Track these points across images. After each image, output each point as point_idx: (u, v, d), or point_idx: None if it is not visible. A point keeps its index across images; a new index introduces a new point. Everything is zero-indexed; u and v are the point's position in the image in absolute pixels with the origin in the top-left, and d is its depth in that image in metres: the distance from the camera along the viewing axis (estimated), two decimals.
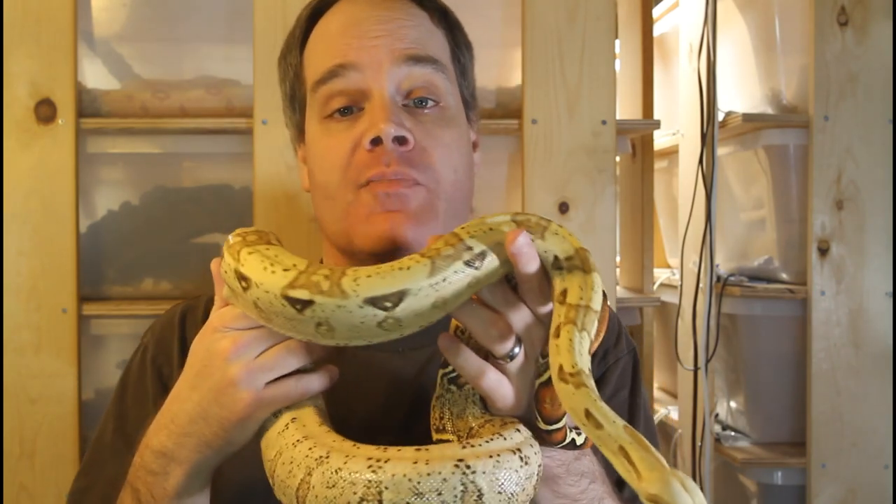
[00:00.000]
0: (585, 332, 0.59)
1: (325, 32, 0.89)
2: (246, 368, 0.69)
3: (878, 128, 1.85)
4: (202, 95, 1.71)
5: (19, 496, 1.62)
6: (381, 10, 0.87)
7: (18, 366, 1.62)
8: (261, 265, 0.66)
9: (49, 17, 1.62)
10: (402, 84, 0.84)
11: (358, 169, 0.82)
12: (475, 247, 0.63)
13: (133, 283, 1.75)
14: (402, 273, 0.61)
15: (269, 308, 0.64)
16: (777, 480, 1.91)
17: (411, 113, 0.84)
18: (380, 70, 0.83)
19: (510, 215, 0.66)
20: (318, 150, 0.87)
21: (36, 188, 1.63)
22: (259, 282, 0.64)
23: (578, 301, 0.61)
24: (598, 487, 0.73)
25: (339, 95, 0.85)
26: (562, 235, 0.66)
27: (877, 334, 1.86)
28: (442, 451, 0.61)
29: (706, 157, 1.97)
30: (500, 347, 0.65)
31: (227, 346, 0.69)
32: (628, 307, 2.06)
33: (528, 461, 0.63)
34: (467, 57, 0.94)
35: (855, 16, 1.83)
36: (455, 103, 0.89)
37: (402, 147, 0.81)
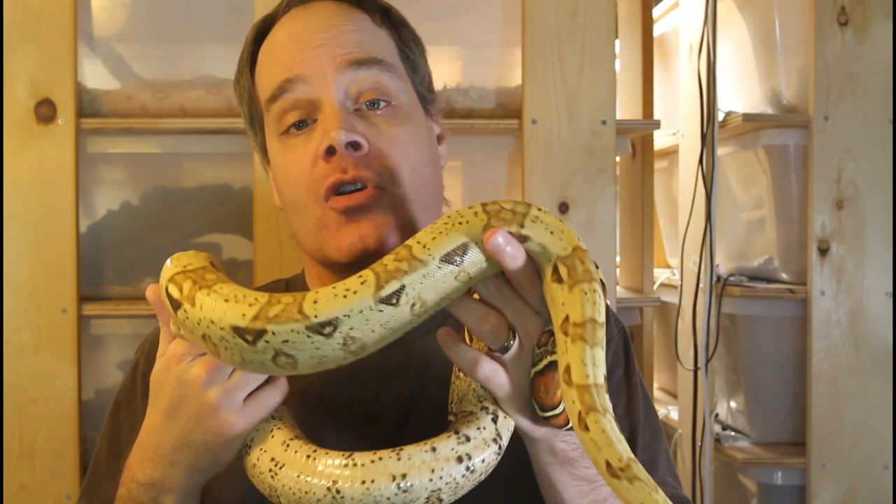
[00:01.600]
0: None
1: (270, 50, 0.90)
2: (223, 391, 0.70)
3: (878, 128, 1.85)
4: (202, 95, 1.71)
5: (19, 496, 1.62)
6: (320, 20, 0.87)
7: (18, 366, 1.62)
8: (213, 299, 0.66)
9: (49, 17, 1.62)
10: (349, 89, 0.84)
11: (318, 180, 0.83)
12: (432, 253, 0.63)
13: (133, 283, 1.75)
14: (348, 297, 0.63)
15: (220, 342, 0.65)
16: (777, 480, 1.91)
17: (364, 116, 0.84)
18: (325, 78, 0.83)
19: (479, 206, 0.66)
20: (281, 167, 0.87)
21: (36, 188, 1.63)
22: (211, 315, 0.65)
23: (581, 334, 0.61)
24: (606, 489, 0.74)
25: (292, 110, 0.85)
26: (543, 223, 0.64)
27: (877, 334, 1.86)
28: (386, 466, 0.67)
29: (706, 157, 1.97)
30: (493, 341, 0.67)
31: (199, 373, 0.70)
32: (628, 307, 2.06)
33: (472, 468, 0.68)
34: (416, 52, 0.94)
35: (855, 16, 1.83)
36: (409, 100, 0.89)
37: (357, 152, 0.81)
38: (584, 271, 0.62)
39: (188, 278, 0.67)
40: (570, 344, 0.59)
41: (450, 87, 1.75)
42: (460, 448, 0.69)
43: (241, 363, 0.66)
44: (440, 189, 0.93)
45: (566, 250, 0.63)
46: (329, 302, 0.62)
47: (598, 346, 0.59)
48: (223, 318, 0.64)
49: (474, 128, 1.71)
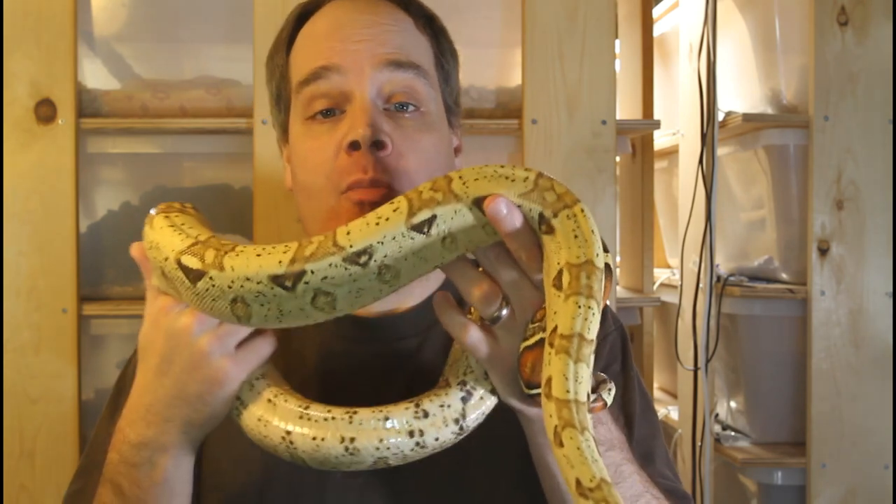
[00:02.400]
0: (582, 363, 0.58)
1: (310, 34, 0.90)
2: (215, 336, 0.70)
3: (878, 128, 1.85)
4: (202, 95, 1.71)
5: (19, 496, 1.62)
6: (366, 15, 0.87)
7: (18, 366, 1.62)
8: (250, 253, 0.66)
9: (49, 17, 1.63)
10: (383, 88, 0.85)
11: (339, 174, 0.83)
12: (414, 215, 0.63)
13: (133, 283, 1.75)
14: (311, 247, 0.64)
15: (255, 299, 0.65)
16: (777, 480, 1.91)
17: (391, 117, 0.85)
18: (362, 73, 0.84)
19: (535, 174, 0.64)
20: (301, 152, 0.88)
21: (36, 188, 1.63)
22: (246, 272, 0.65)
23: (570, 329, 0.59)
24: (615, 455, 0.74)
25: (322, 97, 0.85)
26: (575, 223, 0.62)
27: (877, 334, 1.86)
28: (337, 426, 0.69)
29: (706, 157, 1.97)
30: (483, 308, 0.66)
31: (188, 321, 0.70)
32: (628, 307, 2.06)
33: (423, 444, 0.69)
34: (451, 64, 0.95)
35: (855, 16, 1.83)
36: (436, 109, 0.89)
37: (380, 151, 0.82)
38: (586, 286, 0.59)
39: (208, 247, 0.67)
40: (554, 356, 0.57)
41: None
42: (415, 423, 0.69)
43: (278, 317, 0.65)
44: None
45: (578, 259, 0.60)
46: (361, 231, 0.62)
47: (583, 362, 0.57)
48: (259, 270, 0.64)
49: (474, 128, 1.71)
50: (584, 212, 0.62)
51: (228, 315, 0.67)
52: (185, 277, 0.67)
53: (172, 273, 0.68)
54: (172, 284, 0.69)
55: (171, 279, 0.69)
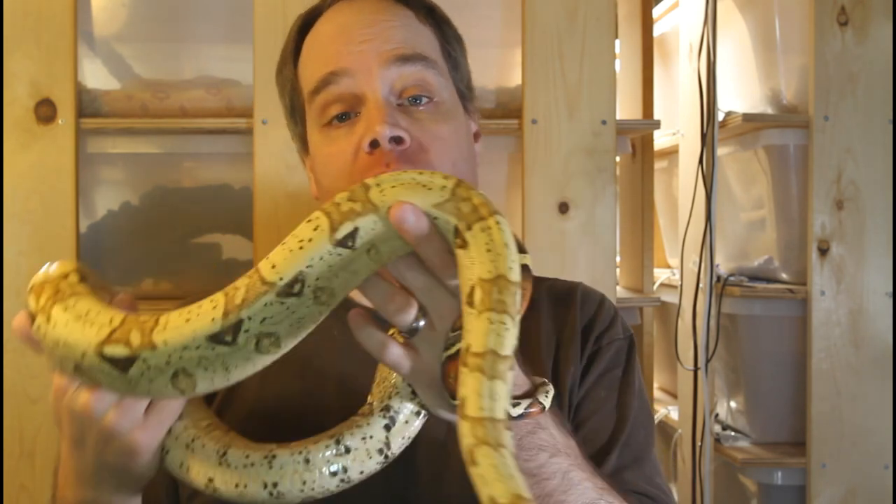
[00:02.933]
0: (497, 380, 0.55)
1: (314, 43, 0.90)
2: (118, 412, 0.67)
3: (878, 128, 1.85)
4: (202, 95, 1.71)
5: (19, 496, 1.62)
6: (366, 15, 0.88)
7: (18, 366, 1.62)
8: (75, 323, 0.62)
9: (49, 17, 1.62)
10: (394, 84, 0.85)
11: (361, 173, 0.83)
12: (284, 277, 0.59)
13: (133, 283, 1.75)
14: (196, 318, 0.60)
15: (198, 364, 0.61)
16: (777, 480, 1.91)
17: (406, 111, 0.85)
18: (370, 73, 0.84)
19: (454, 182, 0.61)
20: (322, 159, 0.88)
21: (36, 188, 1.63)
22: (182, 340, 0.60)
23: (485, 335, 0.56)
24: (561, 461, 0.71)
25: (335, 102, 0.86)
26: (489, 237, 0.59)
27: (877, 334, 1.86)
28: (258, 472, 0.67)
29: (706, 157, 1.97)
30: (399, 321, 0.64)
31: (86, 401, 0.66)
32: (628, 307, 2.06)
33: (348, 480, 0.68)
34: (458, 50, 0.95)
35: (855, 16, 1.83)
36: (450, 97, 0.90)
37: (399, 146, 0.82)
38: (498, 301, 0.56)
39: (130, 329, 0.62)
40: (468, 374, 0.55)
41: None
42: (336, 461, 0.68)
43: (224, 375, 0.61)
44: (476, 185, 0.93)
45: (490, 274, 0.57)
46: (287, 260, 0.59)
47: (499, 378, 0.54)
48: (195, 335, 0.60)
49: None
50: (499, 224, 0.58)
51: (170, 391, 0.62)
52: (114, 368, 0.61)
53: (95, 366, 0.62)
54: (92, 376, 0.63)
55: (92, 372, 0.63)
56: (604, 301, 1.00)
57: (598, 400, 0.91)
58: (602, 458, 0.86)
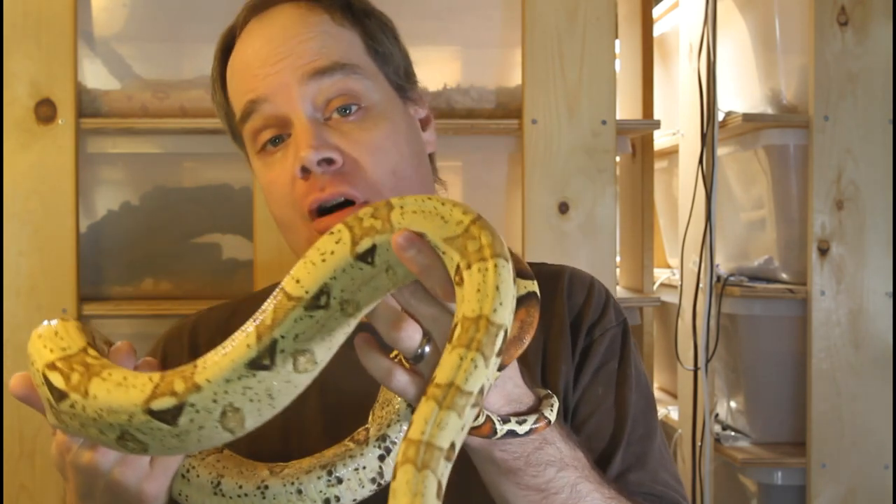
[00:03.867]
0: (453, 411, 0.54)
1: (233, 70, 0.88)
2: (124, 465, 0.67)
3: (878, 128, 1.85)
4: (202, 95, 1.71)
5: (19, 496, 1.62)
6: (277, 31, 0.85)
7: (18, 366, 1.62)
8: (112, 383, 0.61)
9: (49, 17, 1.62)
10: (315, 100, 0.83)
11: (300, 200, 0.82)
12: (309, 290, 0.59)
13: (133, 283, 1.75)
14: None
15: (244, 396, 0.60)
16: (777, 480, 1.91)
17: (335, 125, 0.83)
18: (290, 94, 0.82)
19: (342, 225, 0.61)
20: (265, 185, 0.87)
21: (36, 188, 1.63)
22: (224, 384, 0.60)
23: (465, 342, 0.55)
24: (568, 474, 0.71)
25: (264, 129, 0.84)
26: (425, 210, 0.59)
27: (877, 334, 1.86)
28: (257, 469, 0.70)
29: (706, 157, 1.97)
30: (405, 349, 0.63)
31: (89, 458, 0.67)
32: (628, 307, 2.06)
33: (340, 503, 0.69)
34: (386, 42, 0.90)
35: (855, 16, 1.83)
36: (381, 97, 0.86)
37: (331, 166, 0.80)
38: (473, 339, 0.55)
39: (72, 366, 0.63)
40: (423, 403, 0.54)
41: (450, 87, 1.75)
42: (329, 490, 0.68)
43: (270, 403, 0.61)
44: (430, 181, 0.91)
45: (473, 313, 0.56)
46: (310, 273, 0.59)
47: (453, 410, 0.53)
48: (235, 364, 0.59)
49: (474, 128, 1.71)
50: (496, 267, 0.57)
51: (221, 433, 0.62)
52: (163, 423, 0.61)
53: (144, 426, 0.61)
54: (140, 440, 0.62)
55: (140, 435, 0.61)
56: (593, 285, 0.94)
57: (596, 399, 0.88)
58: (606, 462, 0.84)
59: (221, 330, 0.90)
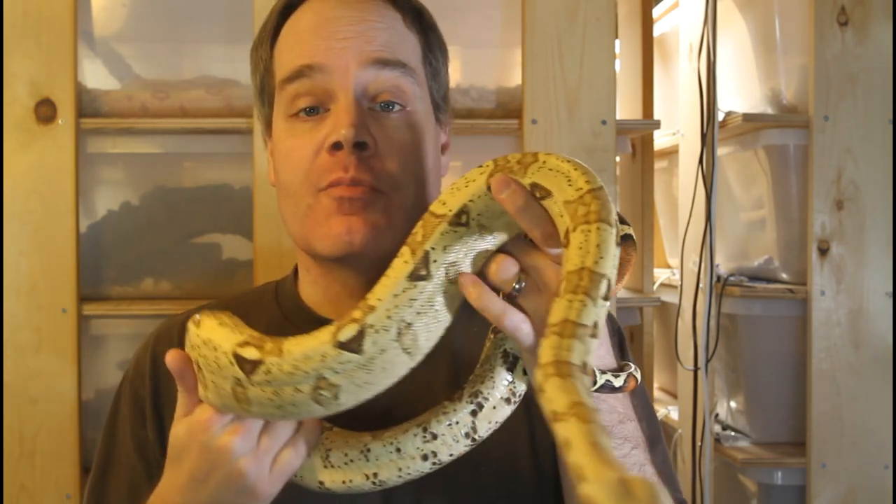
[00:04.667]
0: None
1: (294, 29, 0.88)
2: (253, 458, 0.70)
3: (878, 128, 1.85)
4: (202, 95, 1.71)
5: (19, 496, 1.62)
6: (352, 11, 0.86)
7: (18, 366, 1.62)
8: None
9: (49, 17, 1.63)
10: (368, 87, 0.84)
11: (319, 172, 0.82)
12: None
13: (133, 283, 1.75)
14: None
15: (332, 368, 0.65)
16: (777, 480, 1.91)
17: (376, 117, 0.84)
18: (346, 73, 0.83)
19: (491, 163, 0.67)
20: (283, 149, 0.87)
21: (36, 188, 1.63)
22: (309, 353, 0.65)
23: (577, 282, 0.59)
24: (640, 454, 0.73)
25: (306, 95, 0.84)
26: (557, 170, 0.64)
27: (877, 334, 1.86)
28: (358, 467, 0.73)
29: (706, 157, 1.97)
30: (502, 279, 0.66)
31: (228, 441, 0.69)
32: (628, 307, 2.06)
33: (439, 462, 0.72)
34: (440, 59, 0.93)
35: (855, 16, 1.83)
36: (423, 108, 0.88)
37: (362, 152, 0.81)
38: (578, 285, 0.58)
39: (262, 339, 0.67)
40: (544, 342, 0.57)
41: (450, 87, 1.75)
42: (426, 446, 0.72)
43: (434, 316, 0.66)
44: (432, 198, 0.92)
45: (575, 266, 0.59)
46: (454, 195, 0.67)
47: (574, 338, 0.56)
48: (398, 279, 0.65)
49: (474, 128, 1.71)
50: (599, 229, 0.61)
51: (402, 358, 0.66)
52: (353, 353, 0.65)
53: (336, 359, 0.65)
54: (331, 378, 0.66)
55: (335, 370, 0.65)
56: None
57: None
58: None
59: None
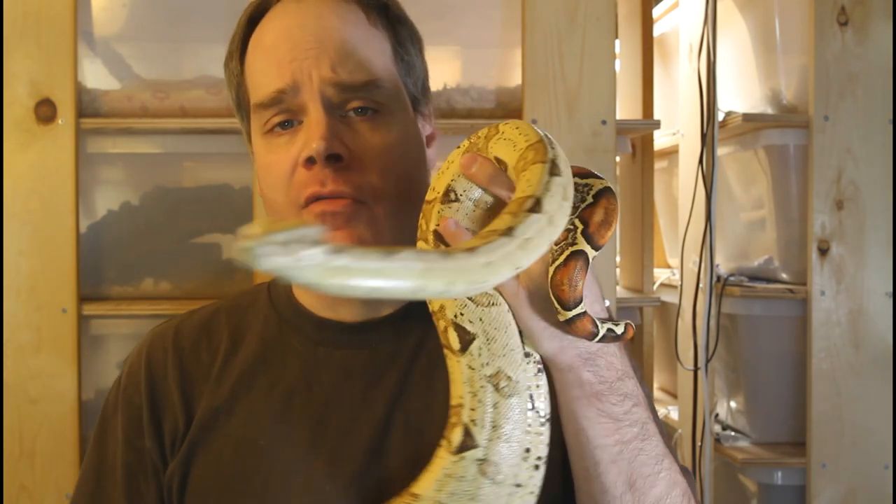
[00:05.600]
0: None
1: (260, 44, 0.88)
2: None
3: (878, 128, 1.85)
4: (202, 95, 1.71)
5: (19, 496, 1.62)
6: (312, 19, 0.85)
7: (18, 366, 1.62)
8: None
9: (49, 17, 1.63)
10: (336, 98, 0.83)
11: (297, 188, 0.82)
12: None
13: (133, 283, 1.75)
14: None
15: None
16: (777, 480, 1.91)
17: (349, 124, 0.83)
18: (312, 86, 0.82)
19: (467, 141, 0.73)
20: (262, 166, 0.86)
21: (36, 188, 1.63)
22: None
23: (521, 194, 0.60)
24: (641, 411, 0.72)
25: (280, 113, 0.84)
26: (508, 138, 0.68)
27: (877, 334, 1.86)
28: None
29: (706, 157, 1.97)
30: (471, 170, 0.70)
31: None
32: (628, 307, 2.06)
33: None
34: (412, 52, 0.91)
35: (855, 16, 1.83)
36: (399, 107, 0.87)
37: (338, 163, 0.81)
38: (524, 199, 0.60)
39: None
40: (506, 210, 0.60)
41: (450, 87, 1.75)
42: (533, 473, 0.70)
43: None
44: (424, 196, 0.92)
45: (517, 157, 0.64)
46: (438, 179, 0.73)
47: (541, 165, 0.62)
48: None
49: (474, 128, 1.71)
50: (533, 168, 0.64)
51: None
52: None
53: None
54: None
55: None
56: None
57: None
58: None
59: (206, 329, 0.90)
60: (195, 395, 0.86)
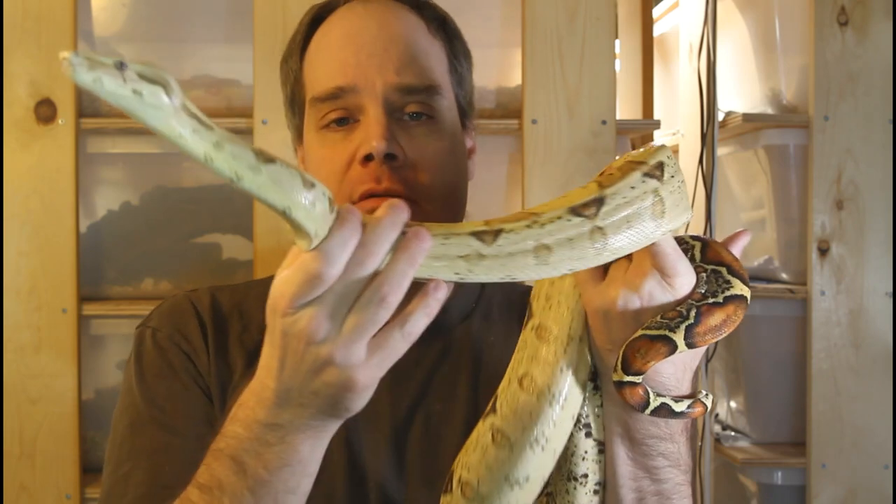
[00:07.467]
0: None
1: (323, 43, 0.91)
2: (335, 347, 0.61)
3: (878, 128, 1.85)
4: (202, 95, 1.71)
5: (19, 496, 1.62)
6: (376, 23, 0.88)
7: (18, 366, 1.62)
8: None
9: (49, 17, 1.63)
10: (396, 101, 0.86)
11: (352, 184, 0.85)
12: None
13: (133, 283, 1.75)
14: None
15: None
16: (777, 480, 1.91)
17: (405, 127, 0.86)
18: (374, 88, 0.85)
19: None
20: (315, 160, 0.89)
21: (36, 188, 1.63)
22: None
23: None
24: (677, 474, 0.74)
25: (337, 110, 0.87)
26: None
27: (877, 334, 1.86)
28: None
29: (706, 157, 1.96)
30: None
31: (303, 327, 0.61)
32: None
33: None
34: (465, 66, 0.95)
35: (855, 16, 1.83)
36: (450, 116, 0.90)
37: (392, 163, 0.84)
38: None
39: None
40: None
41: None
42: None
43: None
44: (465, 206, 0.94)
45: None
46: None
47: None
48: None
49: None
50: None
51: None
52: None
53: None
54: None
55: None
56: None
57: None
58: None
59: (239, 306, 0.92)
60: (230, 361, 0.89)
